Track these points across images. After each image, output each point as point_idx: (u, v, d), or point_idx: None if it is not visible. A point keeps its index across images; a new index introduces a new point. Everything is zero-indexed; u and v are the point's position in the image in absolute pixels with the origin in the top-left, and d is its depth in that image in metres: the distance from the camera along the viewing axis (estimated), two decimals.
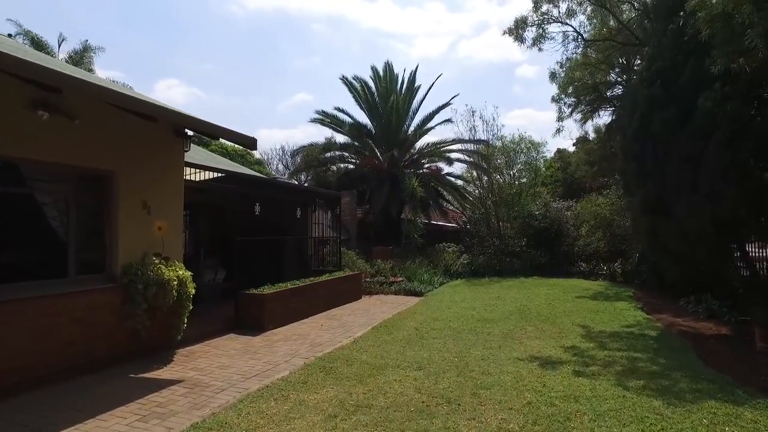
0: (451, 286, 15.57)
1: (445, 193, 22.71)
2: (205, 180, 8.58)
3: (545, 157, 33.26)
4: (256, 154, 34.33)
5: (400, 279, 15.47)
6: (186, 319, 6.85)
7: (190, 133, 7.37)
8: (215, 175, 9.00)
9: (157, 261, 6.52)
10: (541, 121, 68.74)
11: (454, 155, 22.75)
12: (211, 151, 17.58)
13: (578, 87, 17.17)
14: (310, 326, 8.97)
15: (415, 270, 16.48)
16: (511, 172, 22.28)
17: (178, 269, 6.68)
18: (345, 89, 23.97)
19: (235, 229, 9.33)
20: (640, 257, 12.83)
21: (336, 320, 9.67)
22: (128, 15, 60.71)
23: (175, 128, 7.15)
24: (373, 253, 18.27)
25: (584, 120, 19.21)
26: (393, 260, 17.17)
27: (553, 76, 18.27)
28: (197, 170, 8.29)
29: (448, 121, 22.19)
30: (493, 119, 22.43)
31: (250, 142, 7.17)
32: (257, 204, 9.20)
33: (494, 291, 13.67)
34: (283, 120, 69.98)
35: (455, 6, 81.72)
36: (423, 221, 20.89)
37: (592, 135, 25.52)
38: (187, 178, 8.04)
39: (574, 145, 41.10)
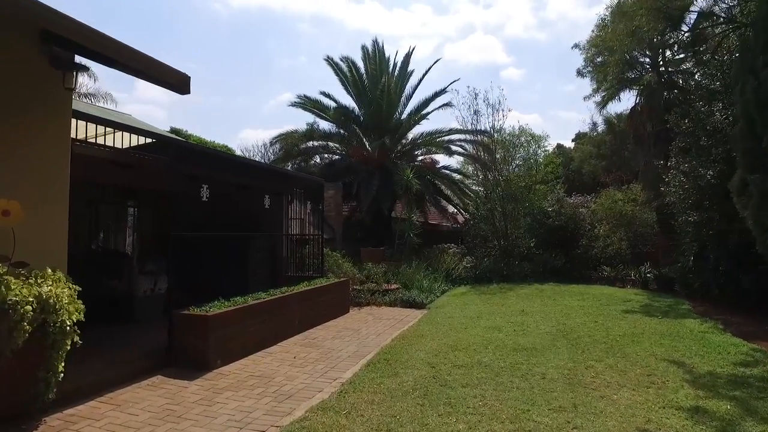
0: (457, 294, 13.02)
1: (443, 187, 20.13)
2: (125, 149, 5.83)
3: (546, 151, 31.21)
4: (237, 150, 31.43)
5: (395, 286, 12.86)
6: (62, 365, 4.12)
7: (84, 61, 4.66)
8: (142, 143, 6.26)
9: None
10: (524, 123, 67.18)
11: (453, 146, 20.15)
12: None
13: (610, 47, 14.57)
14: (278, 359, 6.32)
15: (413, 275, 13.89)
16: (509, 167, 19.85)
17: (45, 284, 3.95)
18: (330, 82, 21.23)
19: (186, 223, 6.65)
20: (695, 260, 10.34)
21: (316, 347, 7.02)
22: (109, 10, 57.58)
23: (51, 54, 4.43)
24: (362, 254, 15.63)
25: (604, 102, 16.82)
26: (385, 263, 14.54)
27: (576, 46, 15.86)
28: (109, 131, 5.54)
29: (448, 105, 19.57)
30: (499, 102, 19.60)
31: (180, 80, 4.51)
32: (205, 186, 6.52)
33: (512, 302, 11.14)
34: (269, 120, 67.28)
35: (441, 8, 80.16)
36: (419, 220, 18.31)
37: (601, 126, 23.35)
38: (95, 141, 5.34)
39: (573, 141, 39.16)
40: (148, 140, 5.74)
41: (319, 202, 10.83)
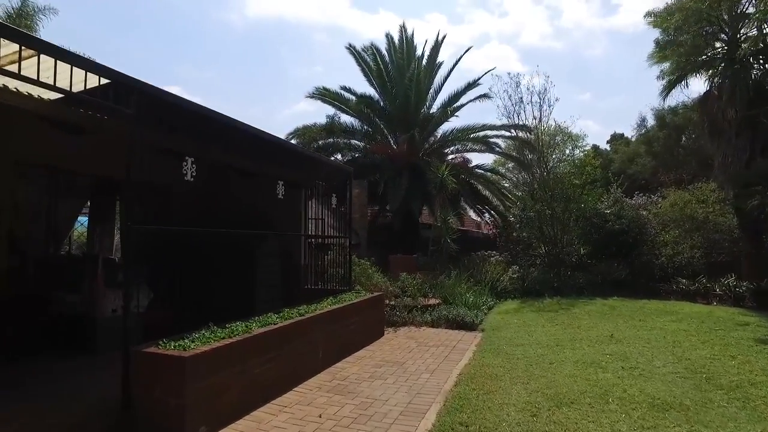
0: (509, 311, 10.78)
1: (480, 188, 17.88)
2: (65, 94, 3.77)
3: (585, 150, 28.83)
4: None
5: (435, 301, 10.68)
6: None
7: None
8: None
9: None
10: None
11: (492, 141, 17.95)
12: None
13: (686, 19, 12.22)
14: (296, 418, 4.19)
15: (453, 288, 11.66)
16: (548, 166, 17.60)
17: None
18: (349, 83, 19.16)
19: (166, 217, 4.61)
20: None
21: (349, 395, 4.87)
22: (129, 22, 57.43)
23: None
24: (391, 262, 13.51)
25: (670, 87, 14.45)
26: (419, 273, 12.36)
27: (649, 14, 13.56)
28: (30, 54, 3.46)
29: (485, 96, 17.39)
30: (545, 90, 16.42)
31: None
32: (189, 161, 4.45)
33: (585, 323, 8.86)
34: (283, 129, 66.51)
35: (456, 18, 78.70)
36: (455, 224, 16.11)
37: (651, 121, 20.93)
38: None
39: (608, 142, 36.60)
40: (95, 84, 3.69)
41: (346, 198, 8.68)
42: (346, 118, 19.10)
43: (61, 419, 3.63)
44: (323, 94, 18.37)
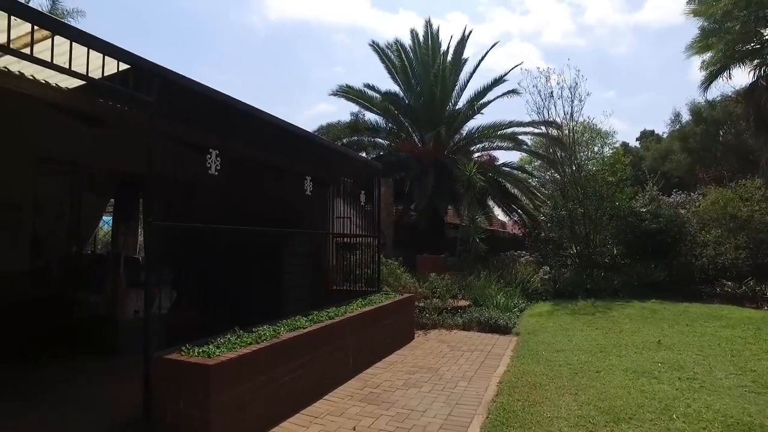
0: (542, 314, 10.31)
1: (508, 186, 17.35)
2: (86, 81, 3.53)
3: (615, 147, 27.98)
4: None
5: (465, 303, 10.29)
6: None
7: None
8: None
9: None
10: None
11: (520, 138, 17.43)
12: None
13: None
14: (326, 431, 3.86)
15: (483, 289, 11.25)
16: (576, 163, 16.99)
17: None
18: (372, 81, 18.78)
19: (189, 213, 4.34)
20: None
21: (383, 405, 4.53)
22: (150, 24, 58.33)
23: None
24: (418, 263, 13.15)
25: (711, 77, 13.71)
26: (448, 274, 11.95)
27: (691, 1, 12.88)
28: (43, 35, 3.21)
29: (513, 92, 16.84)
30: (576, 85, 15.44)
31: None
32: (213, 153, 4.17)
33: (627, 327, 8.35)
34: (307, 128, 66.45)
35: (477, 17, 77.77)
36: (483, 224, 15.67)
37: (686, 116, 20.05)
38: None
39: (638, 140, 35.50)
40: (113, 71, 3.42)
41: (374, 195, 8.35)
42: (370, 116, 18.83)
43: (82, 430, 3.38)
44: (347, 92, 18.09)
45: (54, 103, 4.19)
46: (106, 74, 3.36)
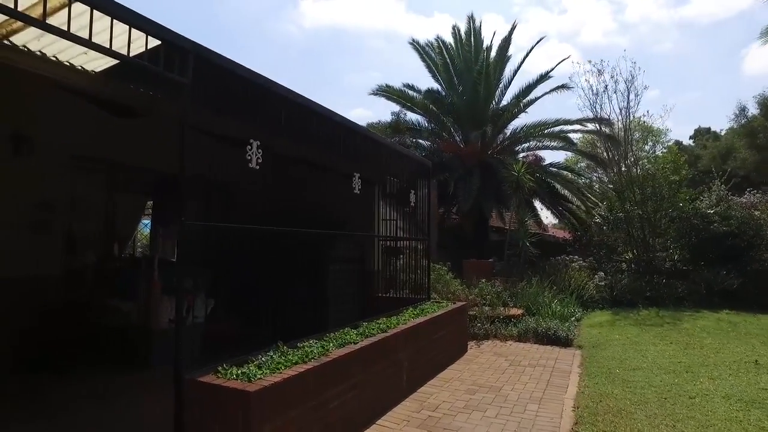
0: (603, 324, 9.48)
1: (558, 187, 16.42)
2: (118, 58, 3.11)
3: (668, 146, 26.44)
4: None
5: (518, 311, 9.56)
6: None
7: None
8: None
9: None
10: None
11: (570, 136, 16.50)
12: None
13: None
14: None
15: (535, 296, 10.47)
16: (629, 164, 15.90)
17: None
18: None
19: (224, 212, 3.90)
20: None
21: None
22: (186, 31, 60.07)
23: None
24: (465, 267, 12.43)
25: None
26: (497, 280, 11.21)
27: None
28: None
29: (563, 87, 15.94)
30: (632, 78, 14.43)
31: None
32: (254, 144, 3.69)
33: (709, 343, 7.45)
34: None
35: (513, 18, 76.16)
36: (532, 227, 14.85)
37: (754, 110, 18.53)
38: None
39: (692, 138, 33.57)
40: (141, 49, 2.97)
41: (421, 195, 7.75)
42: (411, 116, 18.26)
43: None
44: (386, 91, 17.59)
45: (79, 88, 3.82)
46: (132, 54, 2.92)
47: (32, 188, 5.11)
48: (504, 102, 17.79)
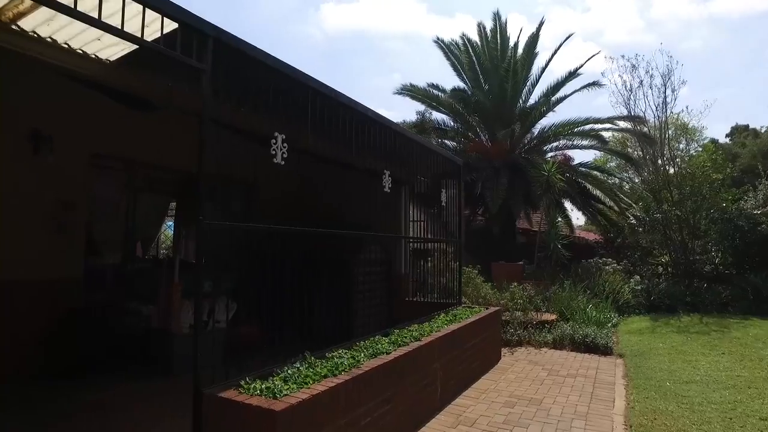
0: (642, 331, 8.99)
1: (589, 187, 15.82)
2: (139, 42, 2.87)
3: (704, 143, 25.42)
4: None
5: (551, 316, 9.11)
6: None
7: None
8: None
9: None
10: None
11: (601, 134, 15.92)
12: None
13: None
14: None
15: (570, 300, 10.00)
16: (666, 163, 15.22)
17: None
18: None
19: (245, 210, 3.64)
20: None
21: None
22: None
23: None
24: (494, 270, 12.01)
25: None
26: (527, 283, 10.76)
27: None
28: None
29: (594, 84, 15.38)
30: (669, 71, 13.69)
31: None
32: (279, 138, 3.41)
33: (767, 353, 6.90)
34: None
35: (536, 17, 74.90)
36: (563, 230, 14.33)
37: None
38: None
39: (728, 136, 32.33)
40: (156, 34, 2.72)
41: (449, 196, 7.39)
42: (436, 115, 17.88)
43: None
44: (411, 91, 17.30)
45: (92, 79, 3.61)
46: (146, 39, 2.67)
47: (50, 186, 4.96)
48: (531, 100, 17.30)
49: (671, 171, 13.70)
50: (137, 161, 5.73)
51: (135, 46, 2.95)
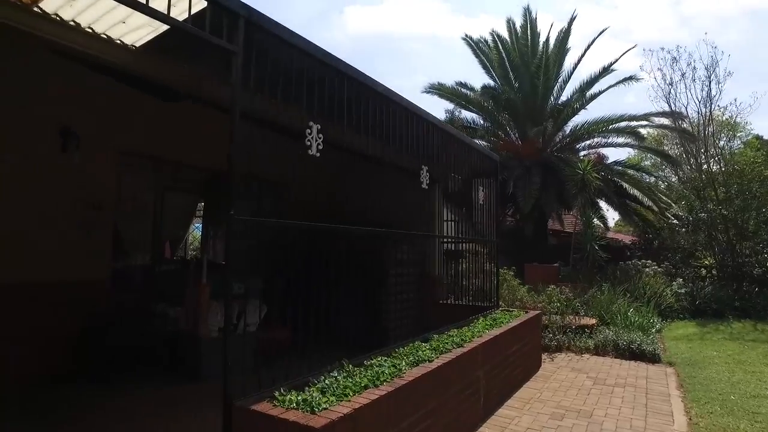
0: (691, 338, 8.46)
1: (626, 186, 15.18)
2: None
3: (747, 139, 24.27)
4: None
5: (591, 321, 8.67)
6: None
7: None
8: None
9: None
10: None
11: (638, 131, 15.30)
12: None
13: None
14: None
15: (609, 303, 9.52)
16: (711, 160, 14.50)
17: None
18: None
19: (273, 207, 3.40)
20: None
21: None
22: None
23: None
24: (527, 272, 11.62)
25: None
26: (563, 286, 10.30)
27: None
28: None
29: (630, 79, 14.78)
30: (714, 63, 13.24)
31: None
32: (314, 127, 3.16)
33: None
34: None
35: (563, 15, 73.17)
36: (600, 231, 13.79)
37: None
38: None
39: None
40: (183, 15, 2.51)
41: (485, 194, 7.04)
42: (465, 114, 17.54)
43: None
44: (439, 89, 16.96)
45: (118, 67, 3.43)
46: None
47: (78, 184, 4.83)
48: (564, 97, 16.75)
49: (714, 168, 12.99)
50: (165, 159, 5.59)
51: (160, 31, 2.73)
